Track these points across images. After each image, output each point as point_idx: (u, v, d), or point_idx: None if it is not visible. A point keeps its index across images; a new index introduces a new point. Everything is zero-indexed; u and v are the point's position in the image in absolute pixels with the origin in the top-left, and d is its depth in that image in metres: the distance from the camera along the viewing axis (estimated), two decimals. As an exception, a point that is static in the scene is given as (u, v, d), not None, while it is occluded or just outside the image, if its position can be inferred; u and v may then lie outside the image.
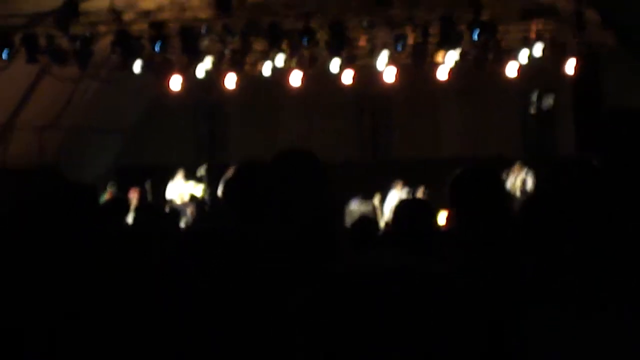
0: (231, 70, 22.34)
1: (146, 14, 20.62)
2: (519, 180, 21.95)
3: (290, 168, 2.85)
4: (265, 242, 2.65)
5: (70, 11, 18.28)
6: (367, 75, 22.18)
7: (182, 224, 17.19)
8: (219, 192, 3.38)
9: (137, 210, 9.71)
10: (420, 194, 21.31)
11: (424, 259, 1.38)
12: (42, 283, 2.72)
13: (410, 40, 20.34)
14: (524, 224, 2.83)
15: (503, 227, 3.41)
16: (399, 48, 20.12)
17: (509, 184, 21.38)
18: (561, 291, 2.52)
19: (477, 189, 3.89)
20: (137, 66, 20.77)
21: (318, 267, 1.38)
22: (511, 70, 22.00)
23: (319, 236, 2.69)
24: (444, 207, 4.50)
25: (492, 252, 3.13)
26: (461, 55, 21.06)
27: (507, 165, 21.84)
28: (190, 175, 23.37)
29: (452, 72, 22.15)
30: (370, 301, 1.38)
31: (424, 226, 4.70)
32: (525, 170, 22.09)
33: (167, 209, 20.50)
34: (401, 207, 5.07)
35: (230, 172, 3.31)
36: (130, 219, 9.73)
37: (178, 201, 22.85)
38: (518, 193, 21.45)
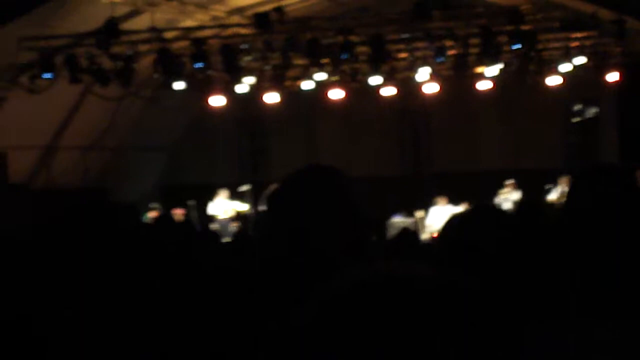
0: (272, 87, 22.36)
1: (187, 31, 20.76)
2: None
3: (309, 183, 2.85)
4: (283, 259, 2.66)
5: (111, 30, 18.41)
6: (408, 88, 22.14)
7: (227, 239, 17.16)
8: (262, 207, 3.40)
9: (179, 227, 9.80)
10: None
11: (441, 269, 1.35)
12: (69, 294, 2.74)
13: (451, 52, 20.25)
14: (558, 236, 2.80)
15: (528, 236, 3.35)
16: (440, 59, 19.97)
17: (556, 195, 21.19)
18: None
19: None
20: (179, 84, 20.82)
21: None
22: (553, 81, 21.85)
23: (345, 249, 2.68)
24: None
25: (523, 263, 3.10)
26: (503, 66, 20.90)
27: (550, 177, 21.70)
28: (233, 194, 23.36)
29: (494, 83, 22.03)
30: (377, 314, 1.36)
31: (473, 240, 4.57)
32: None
33: (209, 228, 20.57)
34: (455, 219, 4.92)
35: (272, 187, 3.33)
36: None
37: (223, 216, 22.84)
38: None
